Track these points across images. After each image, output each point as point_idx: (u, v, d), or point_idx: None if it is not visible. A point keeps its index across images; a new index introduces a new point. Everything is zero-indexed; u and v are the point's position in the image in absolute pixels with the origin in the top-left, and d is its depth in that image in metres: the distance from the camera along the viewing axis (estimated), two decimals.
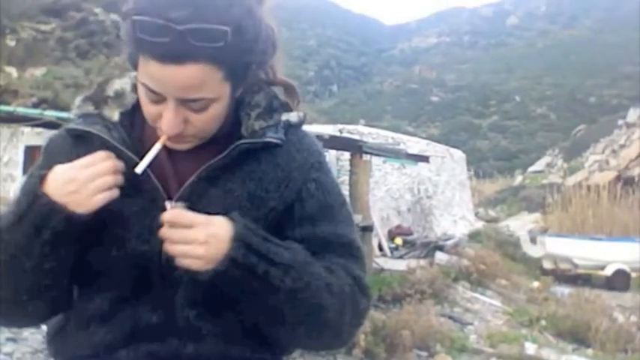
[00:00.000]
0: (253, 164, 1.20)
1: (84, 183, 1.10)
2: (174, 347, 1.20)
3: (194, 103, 1.10)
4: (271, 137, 1.20)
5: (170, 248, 1.08)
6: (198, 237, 1.07)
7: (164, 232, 1.09)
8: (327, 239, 1.22)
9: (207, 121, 1.14)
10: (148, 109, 1.14)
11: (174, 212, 1.09)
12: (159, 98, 1.10)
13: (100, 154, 1.14)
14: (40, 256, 1.10)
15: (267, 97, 1.24)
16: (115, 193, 1.12)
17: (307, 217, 1.22)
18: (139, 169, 1.11)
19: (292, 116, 1.25)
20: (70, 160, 1.14)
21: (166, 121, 1.11)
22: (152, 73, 1.07)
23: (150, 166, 1.13)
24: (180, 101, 1.10)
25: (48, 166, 1.16)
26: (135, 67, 1.13)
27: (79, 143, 1.21)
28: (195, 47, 1.03)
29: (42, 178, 1.11)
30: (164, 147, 1.15)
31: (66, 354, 1.27)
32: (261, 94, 1.23)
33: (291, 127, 1.24)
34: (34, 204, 1.09)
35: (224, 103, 1.15)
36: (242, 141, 1.17)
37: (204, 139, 1.18)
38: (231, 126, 1.21)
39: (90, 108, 1.23)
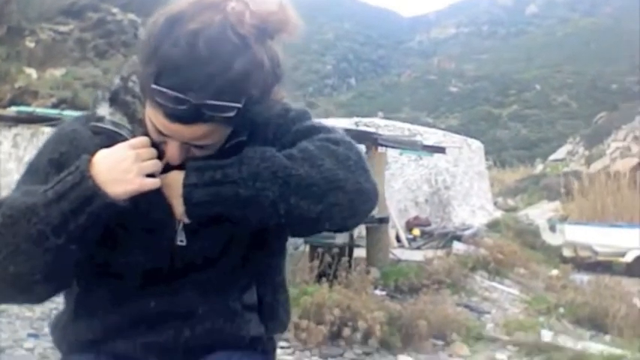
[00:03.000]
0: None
1: (133, 162, 1.13)
2: (172, 336, 1.25)
3: (198, 144, 1.17)
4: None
5: None
6: None
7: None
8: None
9: (209, 151, 1.19)
10: (153, 136, 1.18)
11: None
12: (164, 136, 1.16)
13: (143, 139, 1.18)
14: (69, 238, 1.12)
15: None
16: (158, 183, 1.16)
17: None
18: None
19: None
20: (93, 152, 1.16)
21: (169, 154, 1.18)
22: (161, 123, 1.12)
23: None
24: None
25: (74, 152, 1.21)
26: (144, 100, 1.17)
27: (103, 140, 1.22)
28: (207, 116, 1.08)
29: (88, 161, 1.13)
30: None
31: (68, 342, 1.32)
32: None
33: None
34: (79, 186, 1.11)
35: (225, 136, 1.20)
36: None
37: None
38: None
39: (119, 116, 1.24)
